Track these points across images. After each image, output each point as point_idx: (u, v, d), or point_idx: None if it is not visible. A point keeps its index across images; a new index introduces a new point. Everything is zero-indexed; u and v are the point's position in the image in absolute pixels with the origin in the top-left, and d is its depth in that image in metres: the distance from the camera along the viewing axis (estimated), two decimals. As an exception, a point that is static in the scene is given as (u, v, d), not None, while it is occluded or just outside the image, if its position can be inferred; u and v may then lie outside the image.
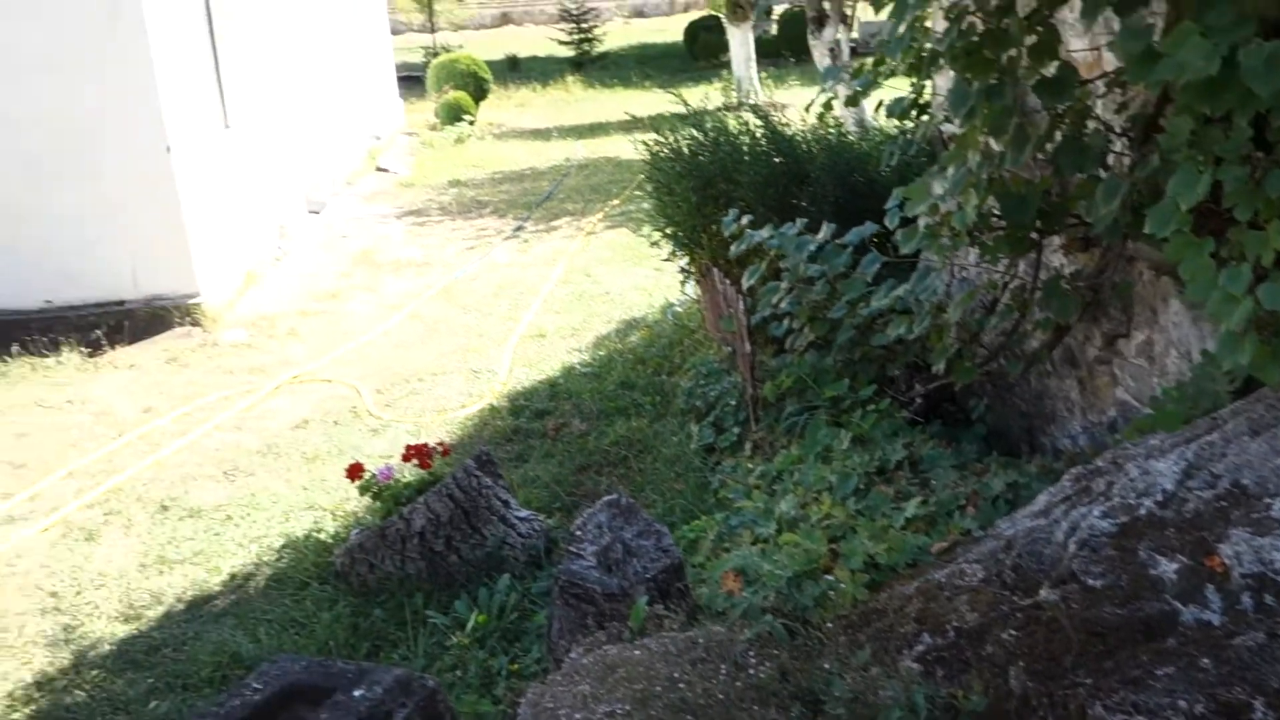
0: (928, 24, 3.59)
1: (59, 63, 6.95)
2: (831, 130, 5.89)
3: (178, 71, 7.44)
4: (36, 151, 7.07)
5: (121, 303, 7.29)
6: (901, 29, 3.17)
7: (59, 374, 6.58)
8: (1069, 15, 3.23)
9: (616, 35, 32.58)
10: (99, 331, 7.02)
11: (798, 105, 17.26)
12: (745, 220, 4.67)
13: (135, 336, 7.12)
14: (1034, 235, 3.28)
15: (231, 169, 8.50)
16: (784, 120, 6.09)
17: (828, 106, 4.56)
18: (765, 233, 4.53)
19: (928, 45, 3.26)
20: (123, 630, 3.84)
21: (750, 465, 4.15)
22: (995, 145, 3.10)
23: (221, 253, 7.89)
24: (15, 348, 6.73)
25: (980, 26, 2.98)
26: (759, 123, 6.02)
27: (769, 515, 3.43)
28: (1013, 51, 2.91)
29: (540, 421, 5.45)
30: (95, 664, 3.65)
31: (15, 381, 6.45)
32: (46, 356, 6.75)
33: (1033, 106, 3.14)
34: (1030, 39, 2.94)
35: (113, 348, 6.95)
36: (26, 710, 3.44)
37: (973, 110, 3.02)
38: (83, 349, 6.88)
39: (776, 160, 5.65)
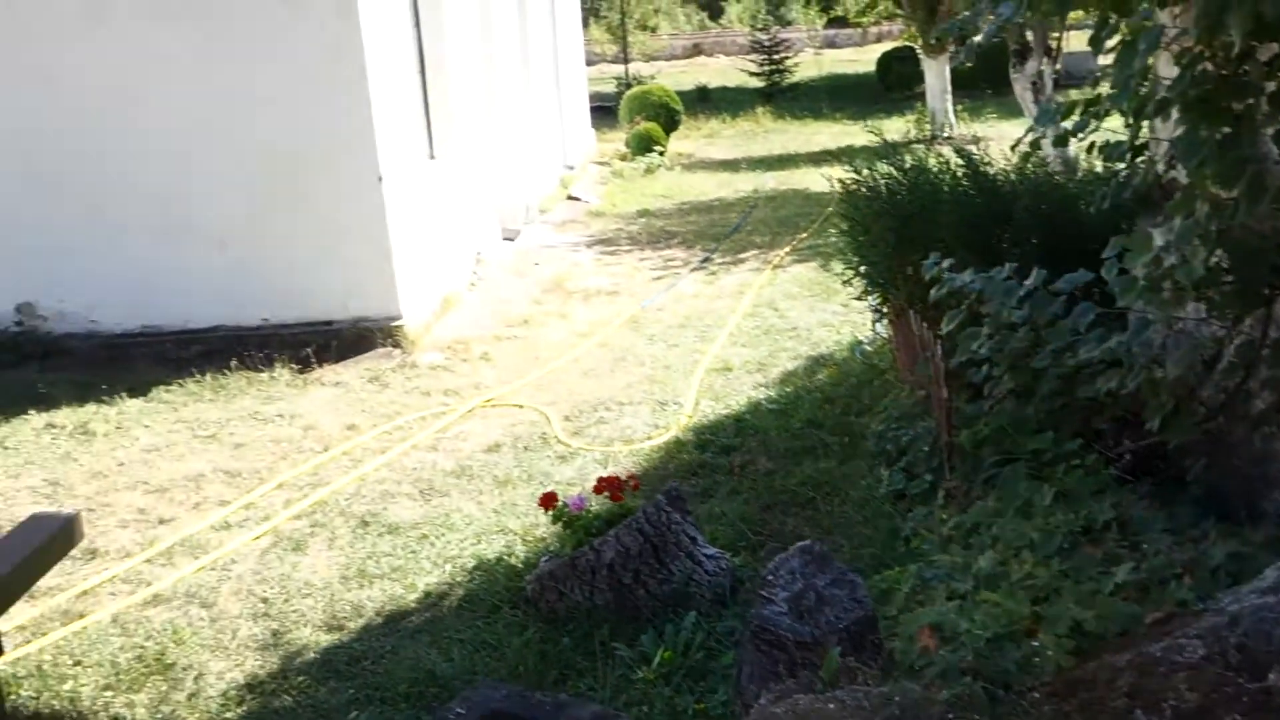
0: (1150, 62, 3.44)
1: (286, 98, 7.42)
2: (1036, 169, 5.70)
3: (391, 105, 7.83)
4: (263, 180, 7.56)
5: (330, 323, 7.70)
6: (1128, 73, 3.04)
7: (272, 388, 6.98)
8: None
9: (807, 66, 32.46)
10: (309, 350, 7.42)
11: (997, 139, 16.86)
12: (946, 264, 4.56)
13: (341, 355, 7.50)
14: (1266, 291, 3.09)
15: (435, 197, 8.88)
16: (984, 157, 5.93)
17: (1035, 146, 4.41)
18: (968, 277, 4.42)
19: (1153, 89, 3.12)
20: (326, 639, 4.03)
21: (944, 515, 4.03)
22: (1226, 195, 2.94)
23: (423, 278, 8.24)
24: (234, 362, 7.18)
25: (1214, 72, 2.84)
26: (959, 161, 5.88)
27: (966, 570, 3.33)
28: (1251, 100, 2.76)
29: (726, 457, 5.45)
30: (301, 670, 3.84)
31: (234, 394, 6.88)
32: (261, 371, 7.18)
33: (1268, 154, 2.96)
34: (1270, 86, 2.78)
35: (320, 365, 7.33)
36: (239, 710, 3.65)
37: (1204, 160, 2.87)
38: (294, 365, 7.28)
39: (978, 200, 5.51)
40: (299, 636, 4.05)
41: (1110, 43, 3.23)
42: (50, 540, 3.25)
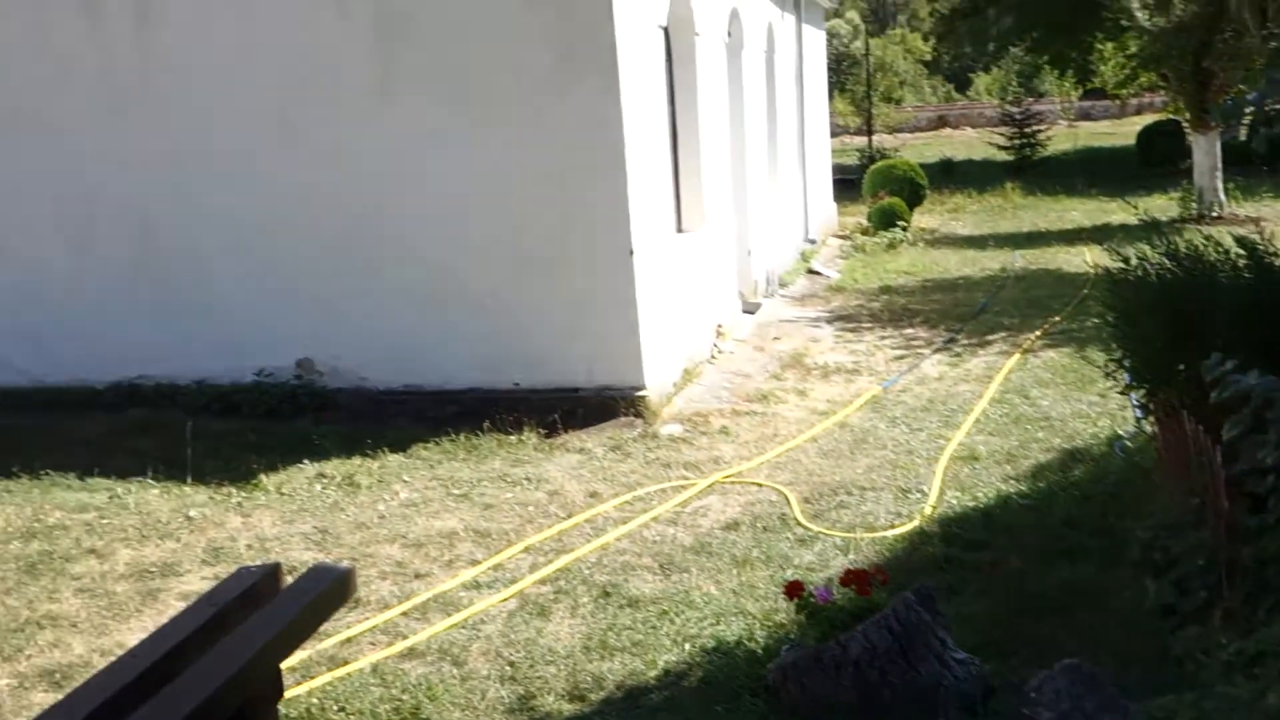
0: None
1: (548, 172, 7.80)
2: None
3: (644, 180, 8.09)
4: (522, 250, 7.94)
5: (576, 390, 7.95)
6: None
7: (520, 451, 7.26)
8: None
9: (1060, 139, 31.37)
10: (555, 415, 7.67)
11: (1274, 221, 15.72)
12: (1229, 364, 4.26)
13: (586, 422, 7.72)
14: None
15: (680, 270, 9.07)
16: (1267, 244, 5.53)
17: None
18: (1254, 379, 4.11)
19: None
20: (569, 709, 4.11)
21: (1222, 639, 3.72)
22: None
23: (666, 349, 8.41)
24: (487, 424, 7.51)
25: None
26: (1239, 248, 5.51)
27: (1254, 705, 3.05)
28: None
29: (974, 554, 5.24)
30: (543, 738, 3.93)
31: (485, 455, 7.20)
32: (511, 434, 7.48)
33: None
34: None
35: (566, 431, 7.57)
36: (485, 772, 3.76)
37: None
38: (541, 430, 7.55)
39: (1263, 293, 5.13)
40: (543, 703, 4.15)
41: None
42: (330, 591, 3.47)
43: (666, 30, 9.08)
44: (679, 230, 9.66)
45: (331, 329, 8.28)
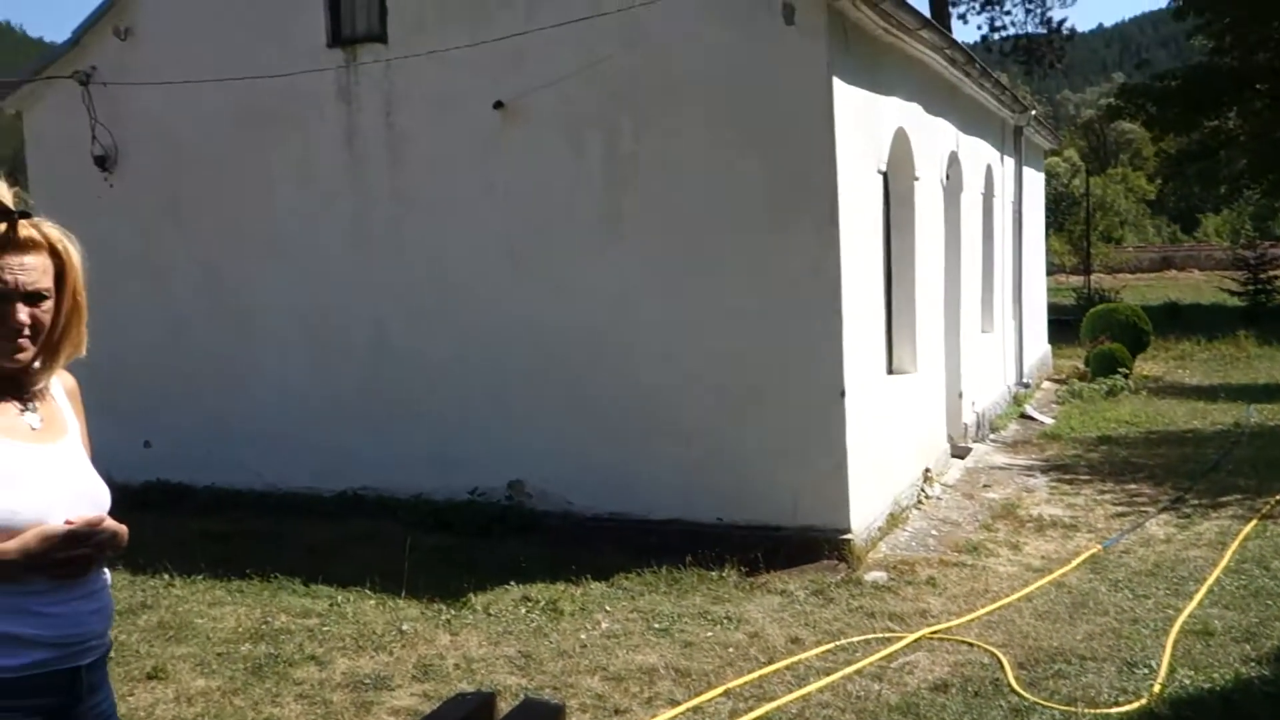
0: None
1: (762, 309, 7.90)
2: None
3: (858, 320, 8.09)
4: (731, 384, 8.03)
5: (779, 528, 7.88)
6: None
7: (721, 589, 7.22)
8: None
9: (1299, 285, 29.50)
10: (757, 553, 7.61)
11: None
12: None
13: (787, 562, 7.62)
14: None
15: (889, 411, 8.95)
16: None
17: None
18: None
19: None
20: None
21: None
22: None
23: (872, 492, 8.26)
24: (689, 557, 7.52)
25: None
26: None
27: None
28: None
29: (1211, 743, 4.83)
30: None
31: (686, 590, 7.19)
32: (712, 570, 7.45)
33: None
34: None
35: (767, 571, 7.48)
36: None
37: None
38: (742, 567, 7.49)
39: None
40: None
41: None
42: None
43: (885, 173, 9.16)
44: (889, 371, 9.56)
45: (543, 452, 8.55)
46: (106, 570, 2.51)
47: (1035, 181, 17.93)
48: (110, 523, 2.42)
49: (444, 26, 8.65)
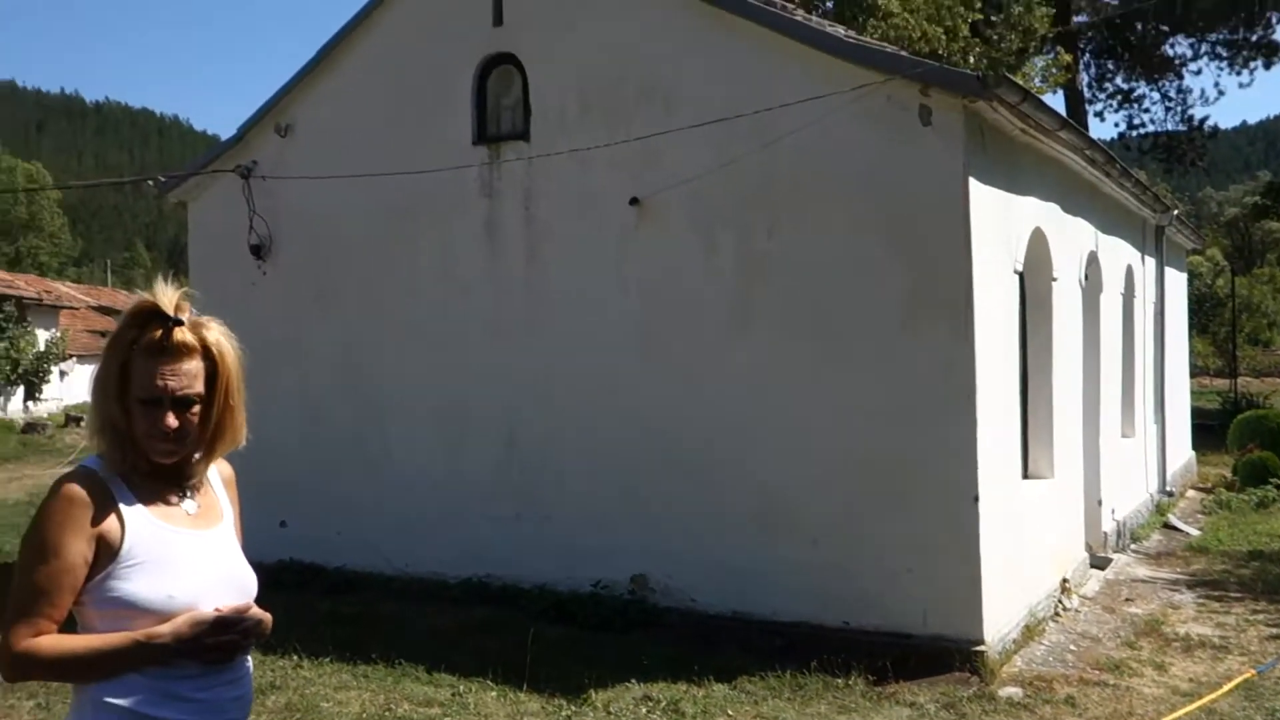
0: None
1: (893, 410, 7.78)
2: None
3: (992, 423, 7.88)
4: (860, 485, 7.89)
5: (909, 636, 7.64)
6: None
7: (847, 698, 7.00)
8: None
9: None
10: (885, 661, 7.37)
11: None
12: None
13: (916, 672, 7.35)
14: None
15: (1024, 518, 8.64)
16: None
17: None
18: None
19: None
20: None
21: None
22: None
23: (1007, 602, 7.95)
24: (815, 663, 7.33)
25: None
26: None
27: None
28: None
29: None
30: None
31: (810, 697, 7.00)
32: (838, 676, 7.24)
33: None
34: None
35: (896, 680, 7.23)
36: None
37: None
38: (869, 675, 7.26)
39: None
40: None
41: None
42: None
43: (1022, 274, 9.00)
44: (1025, 475, 9.27)
45: (667, 547, 8.51)
46: (249, 657, 2.57)
47: (1177, 282, 17.37)
48: (256, 610, 2.50)
49: (584, 125, 8.93)
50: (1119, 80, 33.98)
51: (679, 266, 8.59)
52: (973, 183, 7.70)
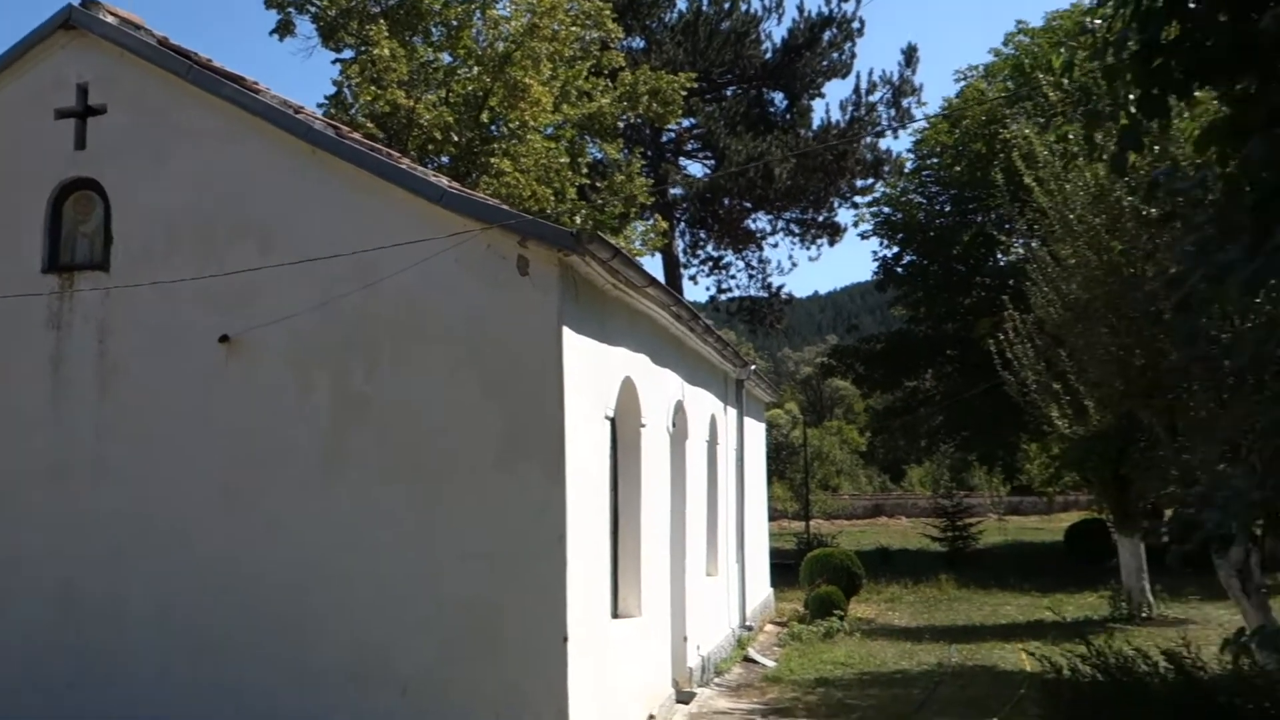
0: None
1: (488, 554, 7.81)
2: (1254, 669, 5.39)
3: (583, 565, 8.12)
4: (453, 630, 7.81)
5: (497, 784, 7.54)
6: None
7: None
8: None
9: (991, 531, 32.18)
10: (476, 811, 7.22)
11: (1200, 624, 16.00)
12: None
13: (508, 820, 7.26)
14: None
15: (612, 657, 8.91)
16: (1192, 656, 5.64)
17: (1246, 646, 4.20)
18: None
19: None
20: None
21: None
22: None
23: (596, 741, 8.09)
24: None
25: None
26: (1167, 664, 5.61)
27: None
28: None
29: None
30: None
31: None
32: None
33: None
34: None
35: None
36: None
37: None
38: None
39: (1191, 706, 5.18)
40: None
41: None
42: None
43: (613, 420, 9.49)
44: (615, 614, 9.60)
45: (249, 703, 7.92)
46: None
47: (757, 431, 19.02)
48: None
49: (172, 258, 8.51)
50: (710, 248, 37.43)
51: (270, 407, 8.28)
52: (566, 332, 8.09)
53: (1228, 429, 3.79)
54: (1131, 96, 3.67)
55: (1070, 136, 13.61)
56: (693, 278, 38.59)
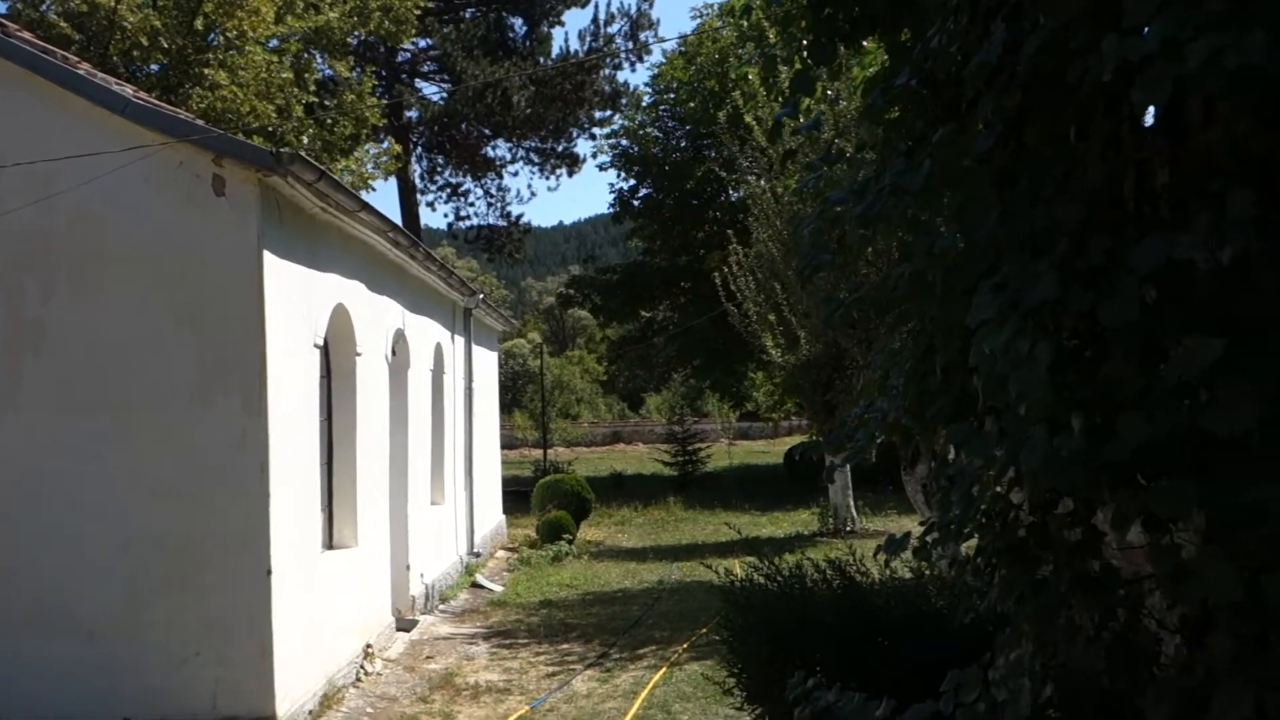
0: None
1: (185, 489, 7.47)
2: (915, 577, 5.89)
3: (290, 497, 7.90)
4: (145, 570, 7.44)
5: (197, 722, 7.32)
6: (948, 518, 3.27)
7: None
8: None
9: (720, 456, 33.64)
10: (170, 752, 6.99)
11: (896, 533, 17.32)
12: (810, 683, 4.58)
13: (205, 759, 7.07)
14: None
15: (326, 588, 8.77)
16: (856, 563, 6.12)
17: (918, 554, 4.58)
18: (832, 696, 4.43)
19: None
20: None
21: None
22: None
23: (304, 673, 7.97)
24: (87, 766, 6.72)
25: (1023, 521, 3.06)
26: (834, 573, 6.05)
27: None
28: (1056, 551, 2.96)
29: None
30: None
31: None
32: (115, 777, 6.71)
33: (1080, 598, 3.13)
34: (1074, 536, 2.99)
35: (181, 770, 6.88)
36: None
37: (1022, 598, 3.03)
38: (151, 770, 6.83)
39: (851, 615, 5.61)
40: None
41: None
42: None
43: (325, 348, 9.22)
44: (330, 546, 9.42)
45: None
46: None
47: (488, 360, 19.00)
48: None
49: None
50: (448, 174, 36.78)
51: (-74, 333, 7.53)
52: (268, 255, 7.75)
53: (879, 357, 4.10)
54: (805, 43, 3.83)
55: (750, 78, 14.18)
56: (430, 204, 37.95)
